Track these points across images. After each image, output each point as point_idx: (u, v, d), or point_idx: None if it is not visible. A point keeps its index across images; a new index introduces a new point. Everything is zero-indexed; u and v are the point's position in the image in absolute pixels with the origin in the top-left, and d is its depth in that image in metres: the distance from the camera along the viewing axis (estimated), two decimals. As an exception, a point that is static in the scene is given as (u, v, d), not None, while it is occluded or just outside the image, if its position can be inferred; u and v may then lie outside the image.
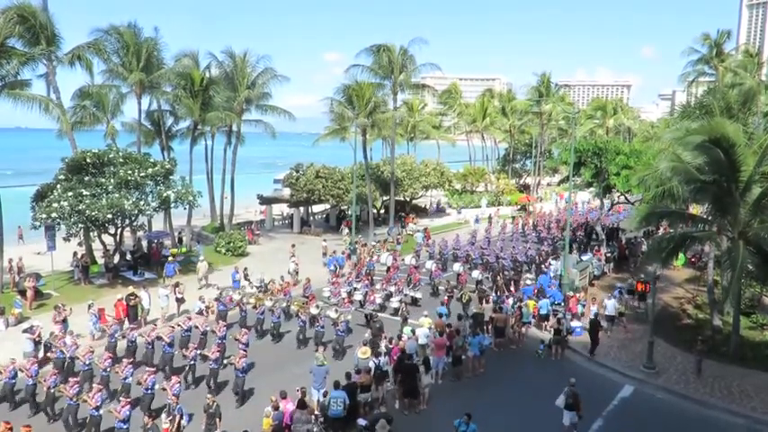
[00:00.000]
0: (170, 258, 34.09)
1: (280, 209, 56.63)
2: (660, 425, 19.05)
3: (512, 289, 30.90)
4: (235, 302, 27.43)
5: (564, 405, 17.73)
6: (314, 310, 25.54)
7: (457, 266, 34.89)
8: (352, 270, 34.73)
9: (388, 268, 34.67)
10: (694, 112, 27.95)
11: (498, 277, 32.27)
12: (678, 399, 20.82)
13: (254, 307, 26.69)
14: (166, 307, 27.73)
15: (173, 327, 23.28)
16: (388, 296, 29.59)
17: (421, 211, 63.50)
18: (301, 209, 53.27)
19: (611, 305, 26.79)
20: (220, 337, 22.56)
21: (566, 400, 17.69)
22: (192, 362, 20.80)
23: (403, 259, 37.48)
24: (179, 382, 18.13)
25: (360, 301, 28.99)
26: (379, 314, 27.30)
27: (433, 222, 57.87)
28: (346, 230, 46.63)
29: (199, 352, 21.24)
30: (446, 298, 28.60)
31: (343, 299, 28.37)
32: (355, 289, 30.23)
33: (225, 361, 21.02)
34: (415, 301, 29.78)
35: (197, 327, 23.67)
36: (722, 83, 51.47)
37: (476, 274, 33.40)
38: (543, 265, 36.15)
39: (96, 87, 38.36)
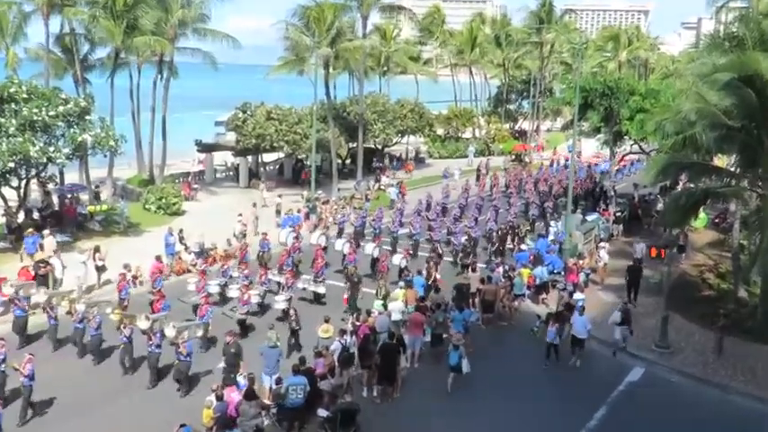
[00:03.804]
0: (30, 231, 29.85)
1: (223, 158, 55.96)
2: (673, 412, 19.54)
3: (438, 276, 27.95)
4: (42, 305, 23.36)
5: (619, 321, 22.39)
6: (142, 324, 21.00)
7: (369, 248, 30.59)
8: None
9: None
10: (723, 45, 28.01)
11: (430, 263, 28.59)
12: (695, 382, 21.40)
13: (69, 312, 22.96)
14: (84, 276, 27.39)
15: None
16: (277, 290, 26.20)
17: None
18: (249, 158, 52.66)
19: (582, 322, 22.49)
20: None
21: (621, 317, 22.53)
22: None
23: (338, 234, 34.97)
24: None
25: (239, 299, 24.63)
26: (256, 319, 24.52)
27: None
28: (263, 186, 45.83)
29: None
30: (345, 297, 25.61)
31: (205, 297, 23.94)
32: (231, 278, 26.93)
33: None
34: (317, 298, 26.79)
35: None
36: (757, 10, 51.64)
37: (396, 259, 29.03)
38: (502, 246, 33.33)
39: (-9, 4, 37.16)
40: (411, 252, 31.68)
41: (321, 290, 26.82)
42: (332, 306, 25.52)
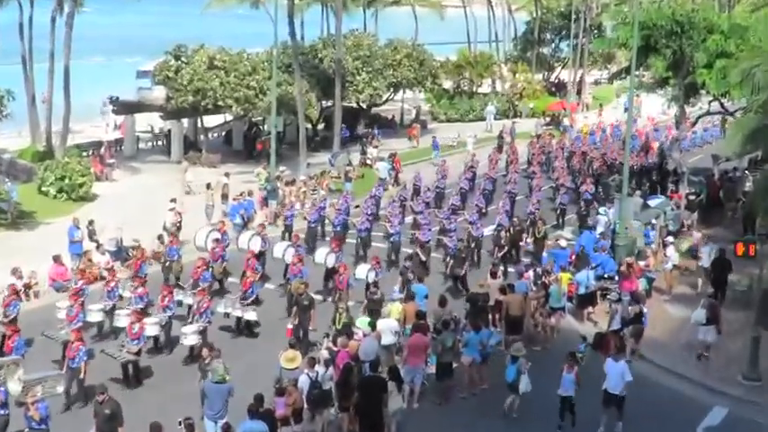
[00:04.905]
0: None
1: (148, 121, 55.78)
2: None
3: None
4: None
5: (703, 321, 23.85)
6: None
7: (321, 254, 29.89)
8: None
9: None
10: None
11: (406, 276, 27.82)
12: (796, 427, 21.46)
13: None
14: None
15: None
16: (188, 317, 25.11)
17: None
18: (185, 122, 52.48)
19: (618, 372, 20.49)
20: None
21: (706, 315, 23.90)
22: None
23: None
24: None
25: (126, 332, 23.18)
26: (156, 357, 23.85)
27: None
28: (185, 163, 45.28)
29: None
30: (290, 327, 24.58)
31: (76, 331, 22.30)
32: (120, 299, 26.00)
33: None
34: (248, 327, 26.13)
35: None
36: None
37: (362, 271, 28.16)
38: (516, 250, 33.20)
39: None
40: (391, 258, 31.75)
41: (251, 316, 25.78)
42: (268, 338, 25.00)
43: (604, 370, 20.46)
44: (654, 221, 34.64)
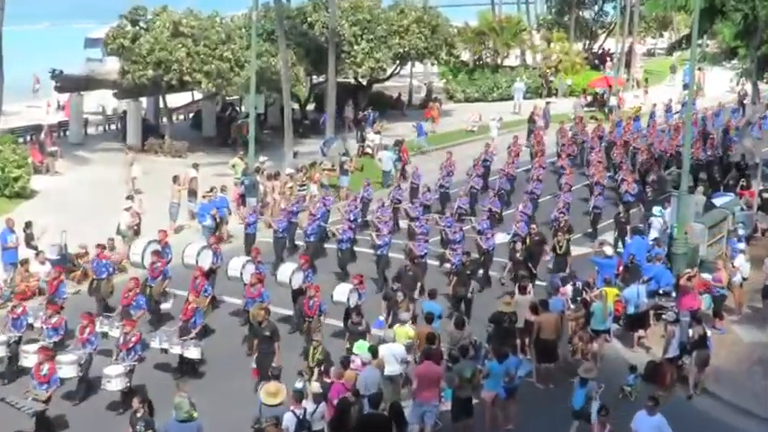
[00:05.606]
0: None
1: (99, 101, 55.78)
2: None
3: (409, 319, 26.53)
4: None
5: None
6: None
7: (284, 273, 28.96)
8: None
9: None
10: None
11: (393, 300, 27.12)
12: None
13: None
14: None
15: None
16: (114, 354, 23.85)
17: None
18: (144, 101, 52.46)
19: (652, 428, 19.84)
20: None
21: None
22: None
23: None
24: None
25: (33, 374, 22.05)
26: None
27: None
28: (131, 156, 44.79)
29: None
30: (254, 367, 23.74)
31: None
32: (32, 329, 25.18)
33: None
34: (191, 368, 25.14)
35: None
36: None
37: (341, 293, 27.27)
38: (533, 265, 31.95)
39: None
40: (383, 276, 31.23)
41: (193, 353, 24.61)
42: (217, 381, 24.50)
43: (632, 428, 19.62)
44: (741, 231, 34.10)
